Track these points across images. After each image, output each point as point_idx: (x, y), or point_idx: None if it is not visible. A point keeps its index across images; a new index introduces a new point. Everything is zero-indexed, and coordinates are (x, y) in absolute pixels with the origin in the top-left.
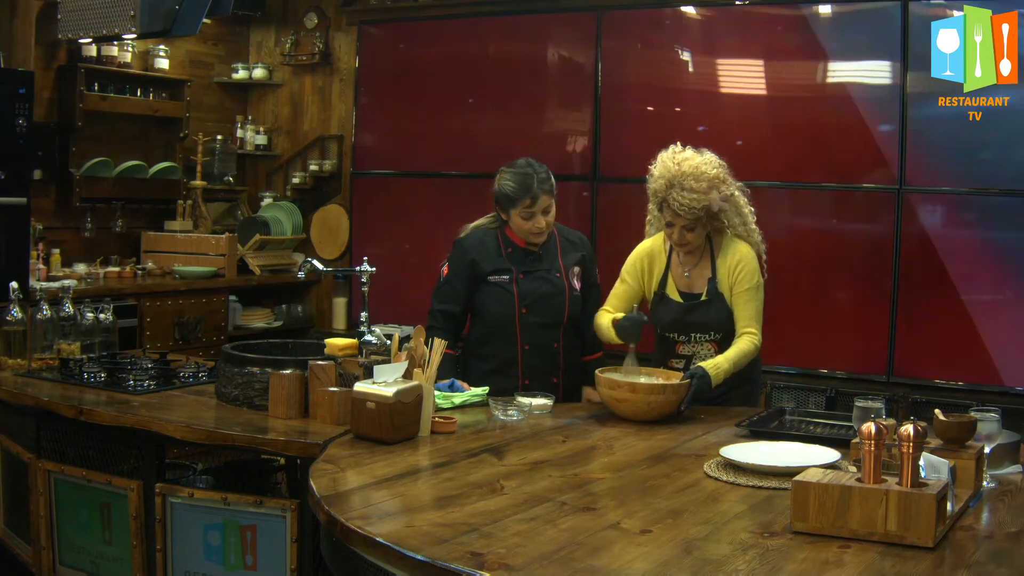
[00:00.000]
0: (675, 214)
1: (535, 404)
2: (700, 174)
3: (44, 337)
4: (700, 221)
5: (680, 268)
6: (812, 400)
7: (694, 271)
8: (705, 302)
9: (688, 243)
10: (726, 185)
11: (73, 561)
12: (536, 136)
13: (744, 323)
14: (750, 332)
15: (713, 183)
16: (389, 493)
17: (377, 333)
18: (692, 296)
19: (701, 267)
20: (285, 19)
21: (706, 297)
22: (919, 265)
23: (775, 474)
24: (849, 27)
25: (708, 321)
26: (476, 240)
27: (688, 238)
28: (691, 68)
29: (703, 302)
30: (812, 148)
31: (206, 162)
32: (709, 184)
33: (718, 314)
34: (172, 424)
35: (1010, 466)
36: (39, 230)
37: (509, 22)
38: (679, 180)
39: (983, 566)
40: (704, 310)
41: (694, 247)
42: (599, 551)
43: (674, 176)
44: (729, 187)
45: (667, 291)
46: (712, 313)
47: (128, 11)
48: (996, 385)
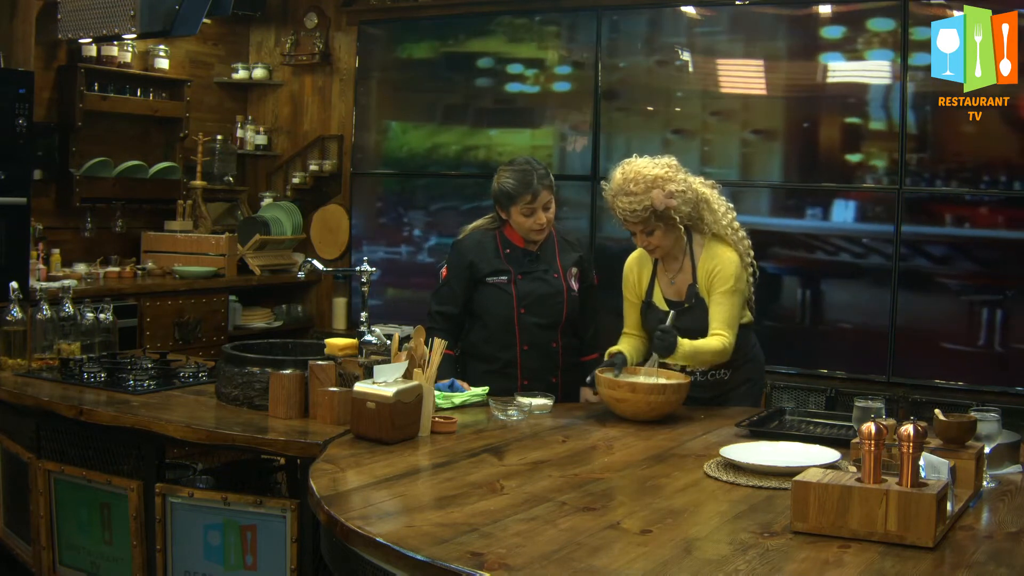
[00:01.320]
0: (624, 220)
1: (535, 404)
2: (639, 178)
3: (44, 337)
4: (651, 222)
5: (665, 276)
6: (812, 400)
7: (678, 277)
8: (688, 309)
9: (655, 247)
10: (673, 183)
11: (73, 561)
12: (536, 136)
13: (715, 326)
14: (719, 334)
15: (653, 183)
16: (389, 493)
17: (377, 333)
18: (677, 304)
19: (684, 273)
20: (285, 19)
21: (688, 304)
22: (919, 265)
23: (775, 474)
24: (849, 27)
25: (694, 328)
26: (474, 242)
27: (652, 242)
28: (691, 68)
29: (686, 309)
30: (812, 148)
31: (206, 162)
32: (648, 185)
33: (701, 320)
34: (172, 424)
35: (1010, 466)
36: (39, 230)
37: (509, 22)
38: (620, 188)
39: (983, 566)
40: (689, 317)
41: (666, 251)
42: (599, 551)
43: (617, 185)
44: (676, 184)
45: (654, 299)
46: (697, 320)
47: (128, 11)
48: (996, 385)
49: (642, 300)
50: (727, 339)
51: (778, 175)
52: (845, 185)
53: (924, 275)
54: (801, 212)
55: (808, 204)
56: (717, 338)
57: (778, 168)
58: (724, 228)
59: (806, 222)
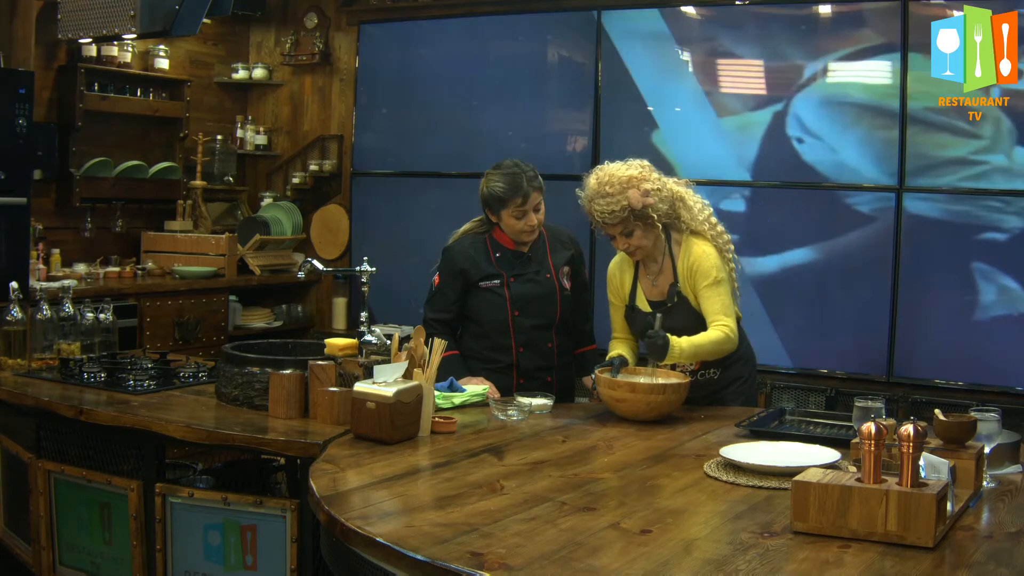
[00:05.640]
0: (603, 224)
1: (535, 404)
2: (614, 179)
3: (44, 337)
4: (629, 222)
5: (647, 278)
6: (812, 400)
7: (660, 278)
8: (671, 308)
9: (636, 249)
10: (648, 183)
11: (73, 561)
12: (536, 136)
13: (712, 317)
14: (719, 323)
15: (628, 183)
16: (389, 493)
17: (377, 333)
18: (659, 304)
19: (665, 274)
20: (285, 19)
21: (670, 303)
22: (919, 265)
23: (775, 474)
24: (849, 27)
25: (677, 327)
26: (464, 247)
27: (633, 244)
28: (691, 68)
29: (669, 308)
30: (812, 147)
31: (206, 162)
32: (624, 185)
33: (685, 319)
34: (172, 424)
35: (1010, 466)
36: (39, 230)
37: (509, 22)
38: (596, 191)
39: (983, 566)
40: (673, 316)
41: (646, 252)
42: (599, 551)
43: (592, 190)
44: (651, 183)
45: (636, 302)
46: (680, 319)
47: (128, 11)
48: (996, 385)
49: (626, 304)
50: (727, 326)
51: (778, 174)
52: (845, 185)
53: (924, 275)
54: (801, 211)
55: (808, 204)
56: (716, 328)
57: (778, 167)
58: (701, 224)
59: (806, 222)
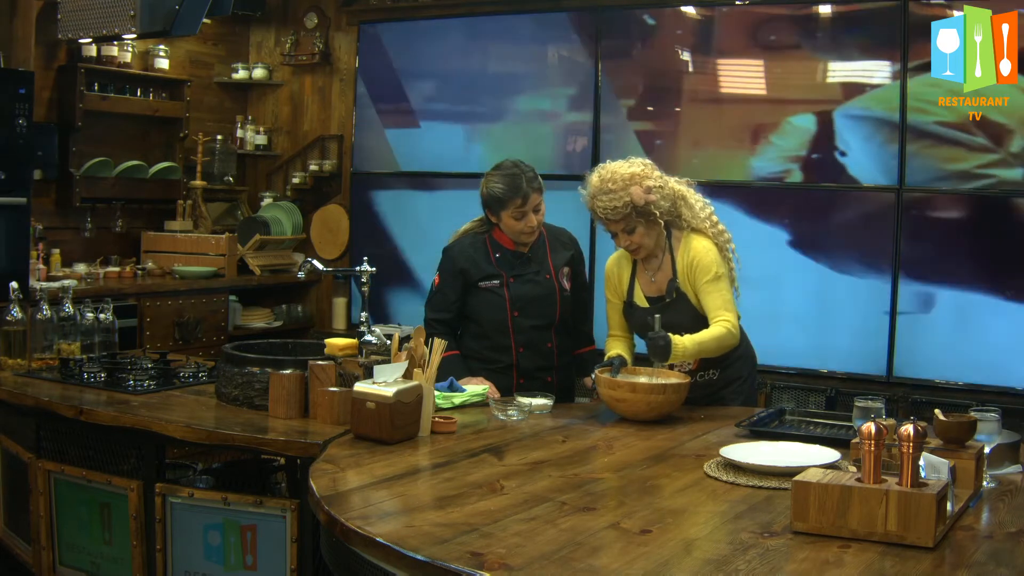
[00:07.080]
0: (606, 220)
1: (535, 404)
2: (616, 176)
3: (44, 337)
4: (632, 219)
5: (646, 274)
6: (812, 400)
7: (658, 275)
8: (668, 304)
9: (637, 247)
10: (650, 180)
11: (73, 561)
12: (536, 136)
13: (713, 313)
14: (721, 319)
15: (630, 180)
16: (389, 493)
17: (377, 333)
18: (657, 300)
19: (664, 270)
20: (285, 19)
21: (669, 299)
22: (919, 265)
23: (775, 474)
24: (849, 27)
25: (675, 323)
26: (463, 248)
27: (634, 241)
28: (691, 68)
29: (666, 304)
30: (812, 147)
31: (206, 162)
32: (626, 182)
33: (684, 315)
34: (172, 424)
35: (1010, 466)
36: (39, 230)
37: (509, 22)
38: (599, 188)
39: (983, 566)
40: (671, 311)
41: (648, 250)
42: (599, 551)
43: (595, 187)
44: (653, 180)
45: (634, 299)
46: (678, 314)
47: (128, 11)
48: (996, 385)
49: (624, 300)
50: (729, 322)
51: (778, 174)
52: (845, 184)
53: (924, 275)
54: (801, 211)
55: (808, 204)
56: (718, 324)
57: (778, 167)
58: (702, 222)
59: (806, 221)
